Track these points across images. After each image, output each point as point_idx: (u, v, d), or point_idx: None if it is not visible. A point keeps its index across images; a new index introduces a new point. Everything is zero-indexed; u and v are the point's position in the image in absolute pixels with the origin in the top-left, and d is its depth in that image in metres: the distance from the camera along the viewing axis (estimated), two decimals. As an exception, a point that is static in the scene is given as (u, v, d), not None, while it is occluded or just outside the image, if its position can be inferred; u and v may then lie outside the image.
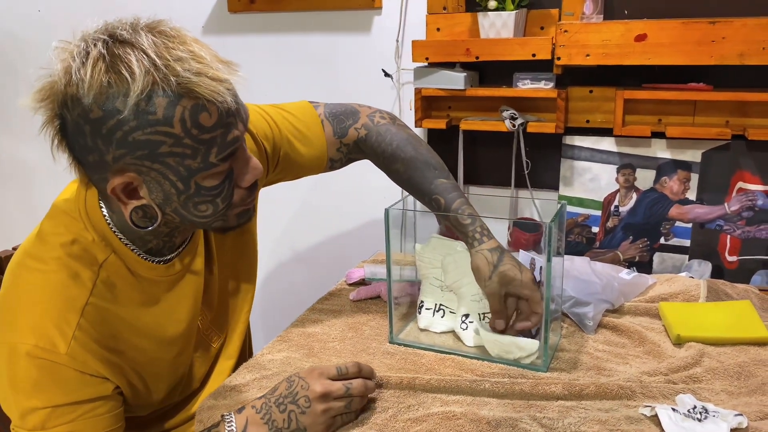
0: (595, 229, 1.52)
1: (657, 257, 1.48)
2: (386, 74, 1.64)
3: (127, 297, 0.91)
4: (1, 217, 2.18)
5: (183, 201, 0.83)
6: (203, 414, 0.97)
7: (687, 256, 1.46)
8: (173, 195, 0.82)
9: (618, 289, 1.25)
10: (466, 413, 0.92)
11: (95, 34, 0.77)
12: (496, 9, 1.40)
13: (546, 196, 1.57)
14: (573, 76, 1.47)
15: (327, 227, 1.85)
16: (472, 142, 1.60)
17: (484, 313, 1.12)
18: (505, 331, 1.06)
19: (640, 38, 1.31)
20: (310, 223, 1.88)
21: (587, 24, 1.35)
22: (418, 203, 1.21)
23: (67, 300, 0.84)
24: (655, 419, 0.90)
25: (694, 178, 1.43)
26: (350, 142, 1.15)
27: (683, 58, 1.30)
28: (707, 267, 1.45)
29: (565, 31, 1.35)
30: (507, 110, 1.50)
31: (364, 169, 1.74)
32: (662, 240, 1.47)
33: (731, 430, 0.86)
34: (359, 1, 1.62)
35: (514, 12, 1.40)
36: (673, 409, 0.89)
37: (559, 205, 1.08)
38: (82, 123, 0.76)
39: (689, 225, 1.45)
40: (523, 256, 1.09)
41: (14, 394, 0.83)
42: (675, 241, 1.46)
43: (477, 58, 1.44)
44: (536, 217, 1.52)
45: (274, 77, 1.78)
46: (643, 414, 0.91)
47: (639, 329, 1.15)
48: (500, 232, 1.43)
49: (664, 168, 1.44)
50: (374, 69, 1.65)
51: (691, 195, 1.44)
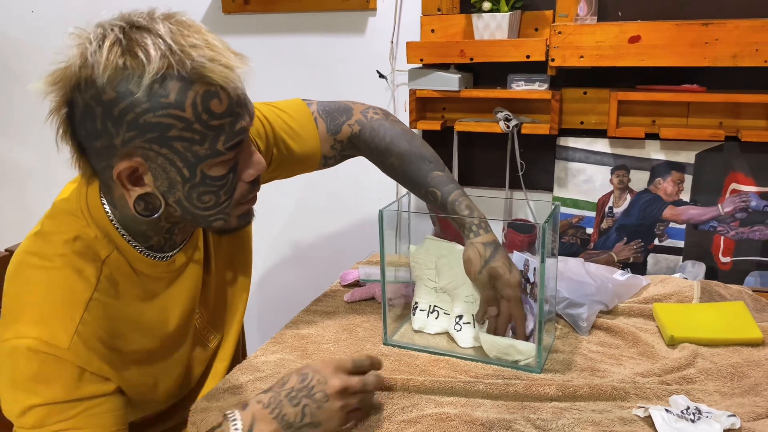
0: (590, 231, 1.52)
1: (651, 258, 1.48)
2: (381, 75, 1.64)
3: (129, 293, 0.91)
4: (-5, 219, 2.18)
5: (187, 190, 0.83)
6: (196, 416, 0.96)
7: (681, 257, 1.46)
8: (178, 183, 0.82)
9: (612, 291, 1.25)
10: (460, 414, 0.92)
11: (112, 21, 0.79)
12: (491, 10, 1.41)
13: (540, 198, 1.57)
14: (567, 78, 1.47)
15: (321, 229, 1.85)
16: (467, 144, 1.60)
17: (479, 315, 1.12)
18: (496, 331, 1.06)
19: (634, 40, 1.31)
20: (305, 225, 1.88)
21: (581, 26, 1.35)
22: (413, 204, 1.21)
23: (72, 295, 0.84)
24: (649, 420, 0.90)
25: (688, 180, 1.43)
26: (344, 139, 1.14)
27: (677, 60, 1.30)
28: (701, 268, 1.45)
29: (559, 33, 1.35)
30: (501, 112, 1.50)
31: (359, 170, 1.74)
32: (656, 241, 1.47)
33: (724, 431, 0.86)
34: (354, 3, 1.62)
35: (509, 13, 1.40)
36: (667, 410, 0.89)
37: (553, 207, 1.08)
38: (94, 105, 0.77)
39: (683, 226, 1.45)
40: (517, 258, 1.09)
41: (14, 392, 0.82)
42: (669, 243, 1.47)
43: (471, 60, 1.44)
44: (530, 219, 1.52)
45: (269, 78, 1.77)
46: (637, 415, 0.91)
47: (633, 330, 1.15)
48: (495, 233, 1.43)
49: (658, 169, 1.45)
50: (369, 70, 1.65)
51: (685, 196, 1.44)
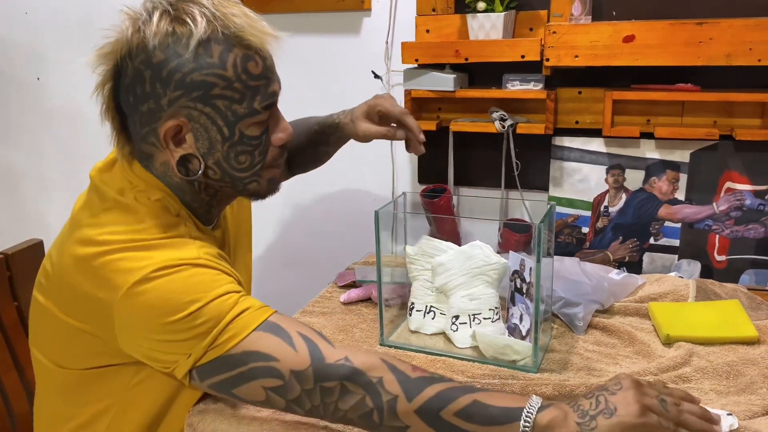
0: (585, 230, 1.52)
1: (646, 257, 1.49)
2: (376, 76, 1.64)
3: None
4: (-11, 221, 2.17)
5: (226, 150, 0.89)
6: (193, 418, 0.96)
7: (676, 256, 1.47)
8: (218, 143, 0.88)
9: (608, 290, 1.26)
10: (457, 415, 0.92)
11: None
12: (485, 10, 1.41)
13: (536, 197, 1.57)
14: (562, 77, 1.47)
15: (317, 230, 1.85)
16: (462, 144, 1.60)
17: (475, 314, 1.12)
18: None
19: (628, 39, 1.31)
20: (301, 226, 1.87)
21: (576, 25, 1.35)
22: (409, 205, 1.22)
23: (174, 237, 0.87)
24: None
25: (683, 179, 1.43)
26: None
27: (671, 59, 1.30)
28: (696, 267, 1.45)
29: (554, 33, 1.35)
30: (496, 111, 1.50)
31: (354, 171, 1.74)
32: (652, 240, 1.48)
33: None
34: (348, 3, 1.62)
35: (503, 13, 1.40)
36: None
37: (549, 206, 1.08)
38: (144, 69, 0.84)
39: (678, 225, 1.45)
40: (513, 257, 1.09)
41: (169, 317, 0.80)
42: (664, 241, 1.47)
43: (466, 60, 1.44)
44: (526, 218, 1.52)
45: (264, 79, 1.77)
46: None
47: (629, 329, 1.16)
48: (490, 233, 1.43)
49: (653, 168, 1.45)
50: (364, 71, 1.65)
51: (680, 195, 1.44)
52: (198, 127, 0.87)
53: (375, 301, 1.31)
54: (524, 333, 1.08)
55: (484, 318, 1.12)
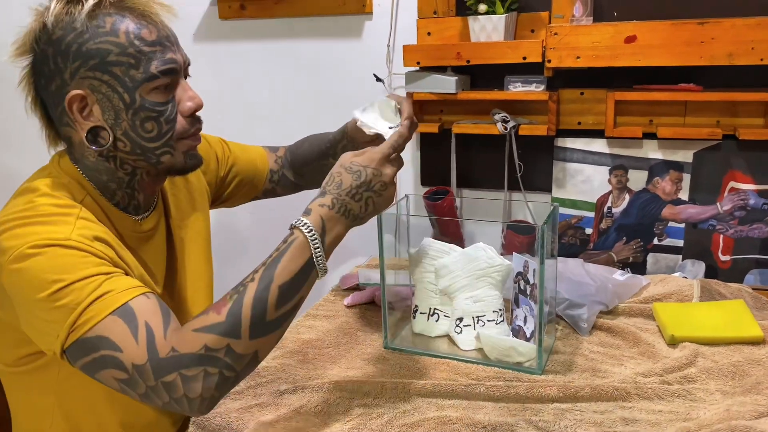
0: (589, 231, 1.52)
1: (650, 258, 1.48)
2: (378, 79, 1.64)
3: (108, 235, 0.93)
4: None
5: (131, 117, 0.90)
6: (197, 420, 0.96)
7: (680, 257, 1.46)
8: (122, 111, 0.90)
9: (612, 291, 1.25)
10: (462, 417, 0.92)
11: None
12: (487, 13, 1.41)
13: (539, 199, 1.57)
14: (564, 79, 1.47)
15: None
16: (465, 146, 1.60)
17: (479, 316, 1.12)
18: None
19: (630, 40, 1.31)
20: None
21: (577, 26, 1.35)
22: (412, 208, 1.21)
23: (59, 215, 0.88)
24: (651, 420, 0.90)
25: (686, 179, 1.43)
26: (282, 154, 1.35)
27: (673, 59, 1.30)
28: (700, 267, 1.45)
29: (555, 34, 1.35)
30: (499, 113, 1.50)
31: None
32: (655, 240, 1.47)
33: None
34: (350, 7, 1.62)
35: (504, 15, 1.40)
36: None
37: (552, 207, 1.08)
38: (47, 48, 0.89)
39: (682, 225, 1.45)
40: (517, 259, 1.09)
41: (38, 294, 0.81)
42: (668, 242, 1.47)
43: (468, 62, 1.44)
44: (529, 220, 1.52)
45: (266, 83, 1.78)
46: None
47: (633, 330, 1.15)
48: (494, 235, 1.43)
49: (656, 169, 1.45)
50: (366, 74, 1.65)
51: (684, 195, 1.44)
52: (101, 98, 0.90)
53: (378, 304, 1.31)
54: (528, 335, 1.08)
55: (488, 320, 1.12)
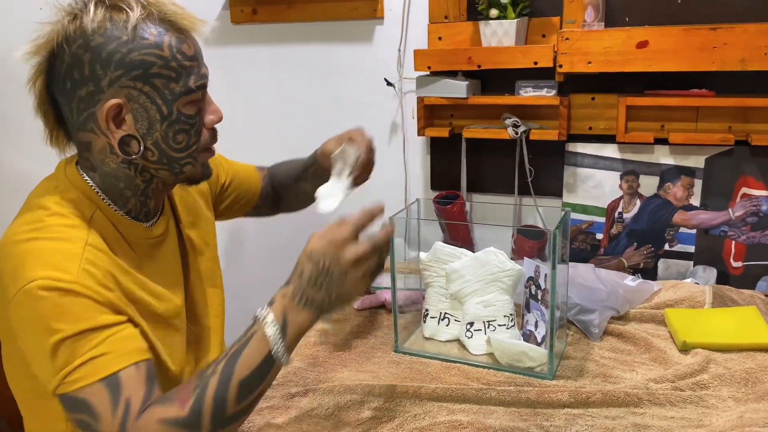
0: (600, 236, 1.52)
1: (662, 263, 1.48)
2: (388, 83, 1.65)
3: (119, 252, 0.94)
4: (3, 229, 2.18)
5: (165, 128, 0.91)
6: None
7: (692, 262, 1.46)
8: (157, 122, 0.91)
9: (623, 296, 1.25)
10: (473, 422, 0.92)
11: None
12: (498, 17, 1.41)
13: (549, 204, 1.57)
14: (575, 84, 1.47)
15: (331, 236, 1.85)
16: (475, 151, 1.60)
17: (490, 321, 1.12)
18: None
19: (642, 45, 1.31)
20: (312, 228, 1.88)
21: (589, 32, 1.35)
22: (422, 212, 1.22)
23: (69, 241, 0.87)
24: (663, 426, 0.89)
25: (698, 184, 1.43)
26: (266, 173, 1.36)
27: (685, 65, 1.30)
28: (712, 273, 1.44)
29: (567, 39, 1.35)
30: (509, 118, 1.50)
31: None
32: (666, 246, 1.47)
33: None
34: (361, 12, 1.63)
35: (516, 20, 1.40)
36: None
37: (563, 213, 1.08)
38: (82, 53, 0.87)
39: (693, 231, 1.44)
40: (528, 264, 1.09)
41: (38, 339, 0.83)
42: (679, 248, 1.46)
43: (479, 67, 1.44)
44: (540, 225, 1.52)
45: (277, 87, 1.78)
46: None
47: (645, 336, 1.15)
48: (504, 240, 1.43)
49: (668, 174, 1.44)
50: (376, 78, 1.66)
51: (695, 201, 1.43)
52: (137, 107, 0.89)
53: (388, 308, 1.31)
54: (539, 340, 1.07)
55: (499, 325, 1.11)
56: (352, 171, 1.09)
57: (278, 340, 0.84)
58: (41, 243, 0.86)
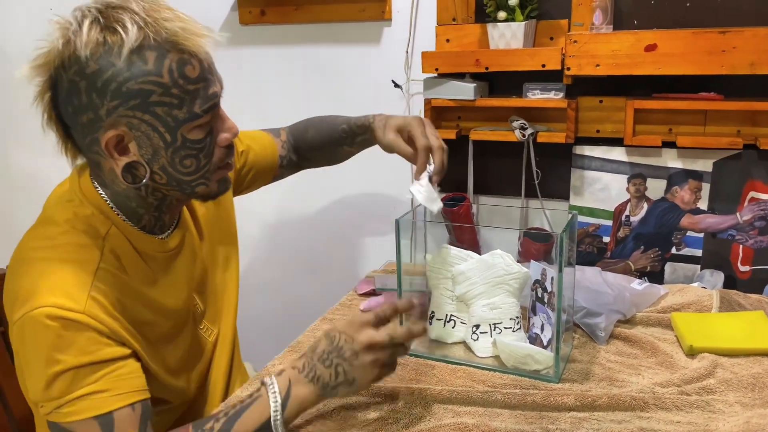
0: (606, 239, 1.51)
1: (668, 267, 1.47)
2: (396, 85, 1.65)
3: (133, 270, 0.94)
4: (13, 230, 2.20)
5: (170, 155, 0.88)
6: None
7: (699, 266, 1.45)
8: (161, 149, 0.87)
9: (630, 300, 1.25)
10: (478, 424, 0.92)
11: (89, 4, 0.85)
12: (506, 20, 1.41)
13: (556, 206, 1.57)
14: (583, 86, 1.47)
15: (337, 237, 1.85)
16: (482, 153, 1.60)
17: (496, 324, 1.11)
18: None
19: (650, 48, 1.31)
20: (321, 234, 1.88)
21: (597, 34, 1.35)
22: (429, 215, 1.22)
23: (80, 266, 0.87)
24: (670, 431, 0.89)
25: (706, 188, 1.42)
26: (285, 138, 1.33)
27: (693, 68, 1.30)
28: (719, 277, 1.44)
29: (575, 42, 1.35)
30: (517, 120, 1.50)
31: (374, 179, 1.75)
32: (674, 250, 1.46)
33: None
34: (369, 13, 1.63)
35: (524, 23, 1.40)
36: None
37: (570, 215, 1.08)
38: (78, 80, 0.83)
39: (701, 235, 1.44)
40: (534, 267, 1.09)
41: (37, 366, 0.83)
42: (687, 251, 1.45)
43: (487, 69, 1.44)
44: (547, 227, 1.51)
45: (285, 88, 1.79)
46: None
47: (651, 340, 1.15)
48: (511, 242, 1.43)
49: (675, 178, 1.44)
50: (384, 80, 1.66)
51: (703, 205, 1.43)
52: (140, 135, 0.86)
53: (395, 310, 1.31)
54: (545, 343, 1.07)
55: (505, 327, 1.11)
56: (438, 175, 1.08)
57: (278, 411, 0.86)
58: (54, 265, 0.86)
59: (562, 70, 1.39)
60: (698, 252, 1.45)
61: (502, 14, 1.41)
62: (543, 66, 1.40)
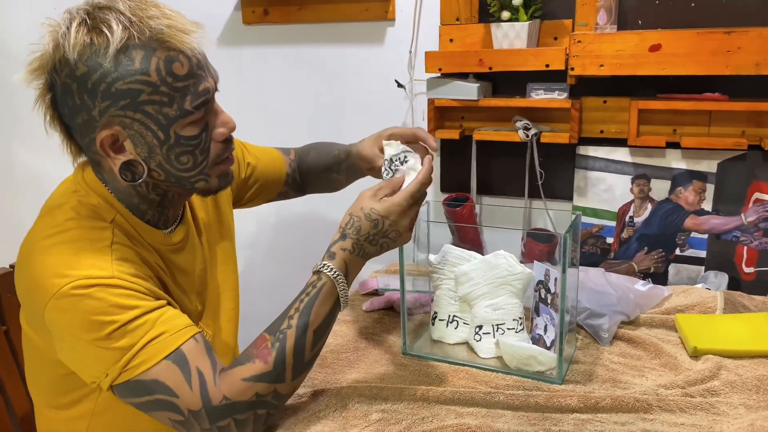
0: (610, 240, 1.51)
1: (672, 268, 1.47)
2: (399, 85, 1.65)
3: (143, 252, 0.95)
4: (15, 226, 2.20)
5: (165, 152, 0.88)
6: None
7: (703, 268, 1.45)
8: (156, 147, 0.88)
9: (633, 301, 1.24)
10: (481, 426, 0.92)
11: (78, 6, 0.86)
12: (510, 20, 1.41)
13: (560, 207, 1.56)
14: (587, 87, 1.46)
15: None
16: (486, 153, 1.60)
17: (499, 325, 1.11)
18: None
19: (655, 48, 1.30)
20: (323, 233, 1.87)
21: (601, 34, 1.34)
22: (432, 214, 1.21)
23: (93, 242, 0.88)
24: (673, 433, 0.89)
25: (710, 189, 1.42)
26: (293, 157, 1.35)
27: (698, 68, 1.29)
28: (724, 278, 1.43)
29: (579, 42, 1.34)
30: (520, 120, 1.50)
31: (376, 179, 1.74)
32: (678, 251, 1.46)
33: None
34: (372, 13, 1.63)
35: (528, 23, 1.40)
36: None
37: (574, 216, 1.08)
38: (70, 82, 0.84)
39: (705, 236, 1.43)
40: (538, 267, 1.09)
41: (86, 337, 0.83)
42: (691, 252, 1.45)
43: (490, 69, 1.44)
44: (550, 228, 1.51)
45: (288, 88, 1.79)
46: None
47: (655, 341, 1.14)
48: (514, 243, 1.43)
49: (679, 178, 1.43)
50: (387, 80, 1.66)
51: (707, 205, 1.42)
52: (134, 134, 0.87)
53: (397, 310, 1.31)
54: (549, 344, 1.07)
55: (508, 328, 1.11)
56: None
57: (344, 288, 0.94)
58: (67, 246, 0.87)
59: (566, 70, 1.39)
60: (702, 253, 1.44)
61: (506, 14, 1.40)
62: (547, 66, 1.40)
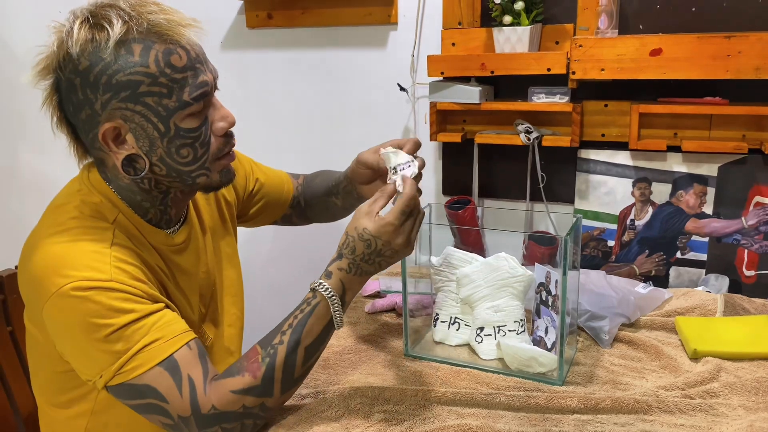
0: (611, 243, 1.51)
1: (673, 271, 1.47)
2: (401, 88, 1.65)
3: (144, 252, 0.95)
4: (21, 229, 2.21)
5: (166, 145, 0.90)
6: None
7: (704, 271, 1.45)
8: (156, 139, 0.89)
9: (634, 303, 1.25)
10: (482, 426, 0.92)
11: (83, 6, 0.89)
12: (511, 24, 1.41)
13: (561, 210, 1.57)
14: (588, 90, 1.47)
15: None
16: (487, 156, 1.61)
17: (500, 326, 1.12)
18: None
19: (655, 53, 1.31)
20: (325, 235, 1.88)
21: (602, 39, 1.35)
22: (434, 216, 1.22)
23: (94, 242, 0.89)
24: (672, 434, 0.89)
25: (711, 192, 1.42)
26: (301, 181, 1.36)
27: (698, 73, 1.30)
28: (724, 281, 1.44)
29: (580, 46, 1.35)
30: (522, 124, 1.50)
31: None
32: (678, 254, 1.46)
33: None
34: (375, 17, 1.64)
35: (529, 27, 1.41)
36: None
37: (575, 219, 1.08)
38: (74, 77, 0.87)
39: (706, 239, 1.44)
40: (539, 270, 1.09)
41: (84, 338, 0.85)
42: (691, 255, 1.46)
43: (492, 73, 1.45)
44: (552, 231, 1.52)
45: (291, 92, 1.80)
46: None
47: (655, 343, 1.15)
48: (515, 245, 1.43)
49: (680, 182, 1.44)
50: (390, 83, 1.67)
51: (708, 209, 1.43)
52: (135, 127, 0.88)
53: (399, 312, 1.31)
54: (549, 346, 1.08)
55: (509, 330, 1.12)
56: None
57: (338, 309, 0.93)
58: (69, 245, 0.88)
59: (568, 74, 1.40)
60: (703, 256, 1.45)
61: (508, 18, 1.41)
62: (548, 70, 1.41)
